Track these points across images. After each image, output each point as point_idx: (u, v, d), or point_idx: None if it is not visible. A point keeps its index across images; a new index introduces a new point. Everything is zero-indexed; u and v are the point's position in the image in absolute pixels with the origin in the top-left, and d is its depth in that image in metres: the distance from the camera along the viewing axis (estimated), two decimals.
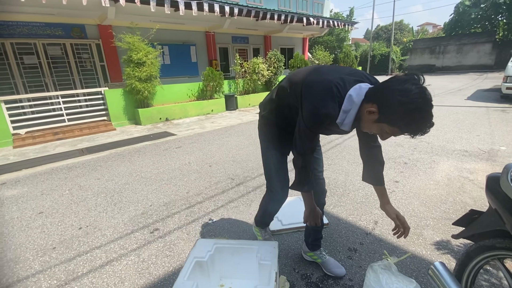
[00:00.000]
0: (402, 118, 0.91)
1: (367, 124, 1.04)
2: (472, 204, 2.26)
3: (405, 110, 0.89)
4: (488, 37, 19.88)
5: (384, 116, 0.96)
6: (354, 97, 1.02)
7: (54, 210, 2.58)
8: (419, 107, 0.88)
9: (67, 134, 5.68)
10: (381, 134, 1.03)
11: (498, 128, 4.53)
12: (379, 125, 0.99)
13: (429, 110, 0.89)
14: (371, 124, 1.02)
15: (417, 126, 0.91)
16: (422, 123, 0.90)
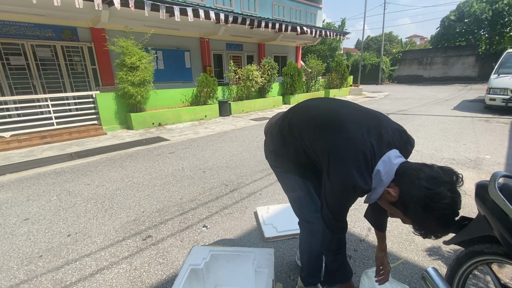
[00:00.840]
0: (421, 220, 0.84)
1: (383, 204, 0.97)
2: (461, 210, 2.32)
3: (427, 216, 0.81)
4: (472, 50, 20.77)
5: (402, 205, 0.87)
6: (383, 175, 0.90)
7: (41, 216, 2.50)
8: (444, 218, 0.81)
9: (55, 138, 5.54)
10: (391, 214, 0.97)
11: (483, 137, 4.70)
12: (393, 208, 0.91)
13: (452, 222, 0.83)
14: (385, 202, 0.94)
15: (431, 231, 0.86)
16: (438, 230, 0.85)
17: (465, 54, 20.93)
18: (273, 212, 2.31)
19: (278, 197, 2.72)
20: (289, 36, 11.27)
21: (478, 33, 22.06)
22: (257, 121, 7.33)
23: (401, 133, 1.04)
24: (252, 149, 4.52)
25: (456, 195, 0.81)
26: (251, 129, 6.31)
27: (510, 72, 7.00)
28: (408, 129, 4.80)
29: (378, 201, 0.97)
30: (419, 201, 0.81)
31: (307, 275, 1.43)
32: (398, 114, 7.52)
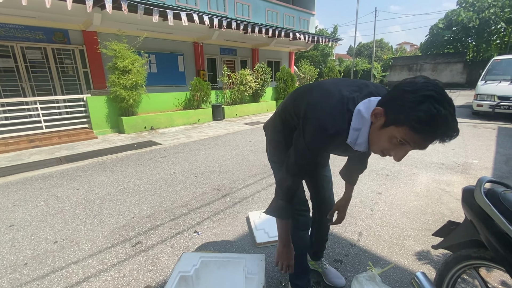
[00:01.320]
0: (412, 108, 0.74)
1: (375, 136, 0.88)
2: (449, 214, 2.36)
3: (414, 98, 0.74)
4: (460, 58, 21.36)
5: (391, 116, 0.80)
6: (364, 112, 0.88)
7: (27, 222, 2.43)
8: (431, 95, 0.72)
9: (44, 142, 5.42)
10: (393, 148, 0.84)
11: (471, 142, 4.81)
12: (388, 132, 0.82)
13: (445, 100, 0.72)
14: (379, 135, 0.85)
15: (431, 119, 0.72)
16: (437, 116, 0.71)
17: (453, 61, 21.50)
18: (265, 217, 2.30)
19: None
20: (283, 41, 11.38)
21: (466, 41, 22.76)
22: (251, 126, 7.34)
23: (387, 88, 1.00)
24: (245, 153, 4.52)
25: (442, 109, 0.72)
26: (244, 133, 6.31)
27: (497, 79, 7.21)
28: None
29: (374, 144, 0.90)
30: (402, 95, 0.77)
31: (294, 277, 1.44)
32: None
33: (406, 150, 0.83)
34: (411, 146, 0.80)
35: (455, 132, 0.75)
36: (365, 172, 3.42)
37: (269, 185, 3.12)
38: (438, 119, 0.72)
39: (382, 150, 0.88)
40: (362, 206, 2.57)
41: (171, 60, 9.62)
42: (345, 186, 1.47)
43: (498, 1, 19.86)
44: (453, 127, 0.74)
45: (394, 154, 0.86)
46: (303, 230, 1.33)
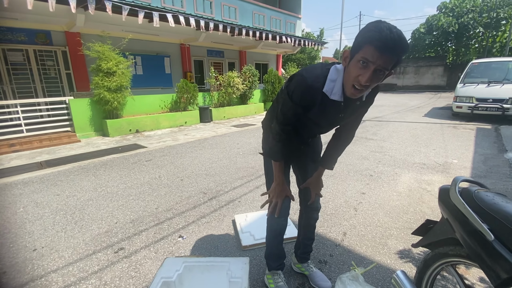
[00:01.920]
0: (365, 32, 0.94)
1: (346, 74, 1.03)
2: (430, 213, 2.43)
3: (363, 29, 0.95)
4: (440, 61, 22.17)
5: (352, 49, 0.98)
6: (339, 67, 1.08)
7: (5, 230, 2.32)
8: (377, 21, 0.93)
9: (24, 146, 5.21)
10: (360, 72, 0.97)
11: (451, 142, 4.99)
12: (352, 63, 0.98)
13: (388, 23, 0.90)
14: (348, 70, 1.01)
15: (375, 28, 0.90)
16: (379, 26, 0.90)
17: (434, 64, 22.29)
18: (251, 220, 2.29)
19: (257, 204, 2.71)
20: (270, 44, 11.46)
21: (446, 45, 23.68)
22: (239, 128, 7.33)
23: None
24: (232, 156, 4.50)
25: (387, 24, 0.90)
26: (232, 135, 6.29)
27: (475, 82, 7.53)
28: (382, 134, 4.99)
29: (347, 83, 1.03)
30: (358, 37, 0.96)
31: (267, 255, 1.57)
32: (373, 120, 7.82)
33: (370, 69, 0.94)
34: (370, 61, 0.93)
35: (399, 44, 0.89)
36: (349, 173, 3.50)
37: (256, 187, 3.12)
38: (382, 28, 0.88)
39: (353, 81, 1.00)
40: (346, 206, 2.61)
41: (157, 62, 9.49)
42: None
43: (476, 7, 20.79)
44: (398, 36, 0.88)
45: (361, 78, 0.97)
46: (280, 216, 1.43)
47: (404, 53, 0.92)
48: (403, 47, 0.91)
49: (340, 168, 3.70)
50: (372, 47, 0.90)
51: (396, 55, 0.92)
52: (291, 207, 2.52)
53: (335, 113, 1.18)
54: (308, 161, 1.54)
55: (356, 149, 4.69)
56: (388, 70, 0.95)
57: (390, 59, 0.92)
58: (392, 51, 0.90)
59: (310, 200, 1.50)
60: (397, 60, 0.94)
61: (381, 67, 0.93)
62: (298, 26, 14.77)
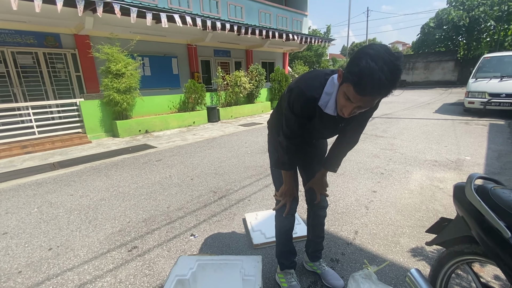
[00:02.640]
0: (351, 64, 0.87)
1: (337, 96, 1.01)
2: (443, 211, 2.39)
3: (356, 55, 0.87)
4: (451, 56, 21.67)
5: (344, 75, 0.93)
6: (336, 79, 1.04)
7: (20, 230, 2.39)
8: (368, 52, 0.83)
9: (37, 148, 5.35)
10: (345, 105, 0.96)
11: (463, 139, 4.88)
12: (341, 90, 0.95)
13: (380, 57, 0.81)
14: (339, 93, 0.98)
15: (360, 72, 0.83)
16: (366, 68, 0.82)
17: (445, 59, 21.80)
18: (262, 218, 2.30)
19: (267, 203, 2.72)
20: (276, 42, 11.42)
21: (457, 39, 23.10)
22: (246, 127, 7.34)
23: None
24: (240, 155, 4.52)
25: (374, 64, 0.81)
26: (240, 134, 6.31)
27: (487, 76, 7.33)
28: (393, 132, 4.92)
29: (339, 102, 1.01)
30: (347, 65, 0.91)
31: (278, 254, 1.58)
32: (382, 117, 7.72)
33: (352, 106, 0.93)
34: (351, 101, 0.91)
35: (382, 88, 0.83)
36: (360, 171, 3.47)
37: (265, 186, 3.13)
38: (366, 72, 0.81)
39: (341, 109, 0.99)
40: (357, 204, 2.59)
41: (165, 63, 9.58)
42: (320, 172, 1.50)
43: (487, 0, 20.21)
44: (379, 80, 0.81)
45: (344, 110, 0.97)
46: (288, 214, 1.46)
47: (391, 90, 0.87)
48: (390, 87, 0.85)
49: (350, 166, 3.67)
50: (352, 89, 0.88)
51: (382, 95, 0.87)
52: (301, 205, 2.52)
53: (334, 123, 1.19)
54: (313, 162, 1.54)
55: (366, 146, 4.64)
56: (372, 106, 0.94)
57: (372, 100, 0.89)
58: (375, 94, 0.85)
59: (316, 200, 1.51)
60: (385, 95, 0.89)
61: (363, 106, 0.92)
62: (305, 24, 14.67)
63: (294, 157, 1.32)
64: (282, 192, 1.43)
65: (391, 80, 0.83)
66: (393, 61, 0.82)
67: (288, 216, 1.46)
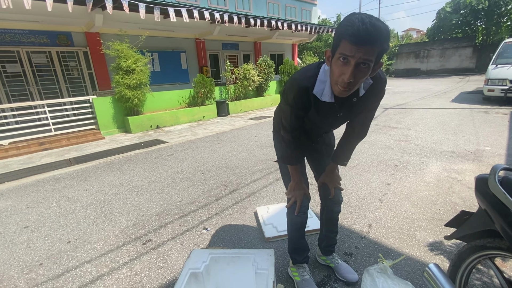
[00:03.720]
0: (339, 29, 0.90)
1: (330, 74, 1.01)
2: (461, 204, 2.31)
3: (337, 27, 0.92)
4: (469, 42, 20.69)
5: (332, 48, 0.96)
6: (327, 67, 1.04)
7: (40, 224, 2.49)
8: (352, 13, 0.89)
9: (53, 144, 5.52)
10: (342, 70, 0.93)
11: (482, 129, 4.68)
12: (334, 61, 0.95)
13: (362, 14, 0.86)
14: (332, 69, 0.98)
15: (347, 22, 0.87)
16: (351, 18, 0.87)
17: (462, 45, 20.85)
18: (273, 212, 2.29)
19: (278, 196, 2.70)
20: (285, 33, 11.22)
21: (475, 24, 21.97)
22: (256, 120, 7.31)
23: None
24: (251, 148, 4.51)
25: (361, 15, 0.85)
26: (249, 128, 6.29)
27: (509, 62, 6.97)
28: (407, 122, 4.79)
29: (333, 84, 1.01)
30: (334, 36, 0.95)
31: (291, 250, 1.58)
32: (396, 108, 7.50)
33: (351, 65, 0.90)
34: (349, 56, 0.88)
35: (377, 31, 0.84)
36: (373, 163, 3.39)
37: (276, 179, 3.11)
38: (355, 21, 0.84)
39: (337, 79, 0.96)
40: (371, 197, 2.54)
41: (173, 58, 9.62)
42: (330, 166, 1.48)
43: None
44: (371, 24, 0.83)
45: (344, 76, 0.94)
46: (300, 212, 1.44)
47: (383, 40, 0.86)
48: (380, 35, 0.85)
49: (363, 159, 3.59)
50: (347, 41, 0.87)
51: (375, 44, 0.86)
52: (314, 199, 2.49)
53: (332, 113, 1.15)
54: (322, 156, 1.51)
55: (379, 138, 4.53)
56: (372, 61, 0.90)
57: (369, 50, 0.87)
58: (368, 41, 0.85)
59: (330, 195, 1.47)
60: (380, 49, 0.88)
61: (362, 60, 0.88)
62: (314, 13, 14.34)
63: (297, 151, 1.31)
64: (291, 187, 1.42)
65: (384, 25, 0.86)
66: (376, 18, 0.87)
67: (300, 214, 1.42)
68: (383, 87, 1.14)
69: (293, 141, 1.27)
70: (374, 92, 1.12)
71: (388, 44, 0.89)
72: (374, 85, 1.10)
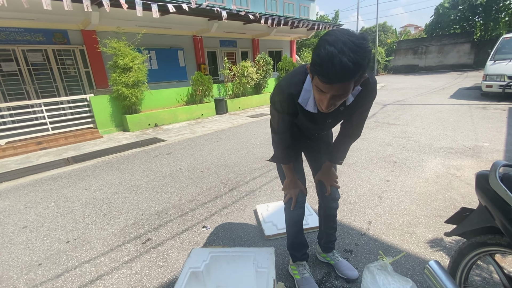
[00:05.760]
0: (313, 57, 0.84)
1: (313, 91, 0.96)
2: (461, 200, 2.32)
3: (314, 49, 0.84)
4: (467, 38, 20.70)
5: (310, 69, 0.90)
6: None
7: (39, 224, 2.47)
8: (326, 38, 0.81)
9: (51, 143, 5.49)
10: (320, 98, 0.92)
11: (480, 125, 4.69)
12: (314, 84, 0.91)
13: (339, 40, 0.78)
14: (313, 88, 0.94)
15: (319, 58, 0.80)
16: (324, 54, 0.79)
17: (460, 41, 20.86)
18: (273, 210, 2.29)
19: (277, 194, 2.70)
20: (283, 30, 11.17)
21: (473, 19, 21.95)
22: (254, 118, 7.29)
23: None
24: (249, 146, 4.50)
25: (333, 48, 0.77)
26: (248, 126, 6.28)
27: (507, 58, 6.97)
28: (406, 119, 4.79)
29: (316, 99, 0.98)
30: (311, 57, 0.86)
31: (289, 246, 1.58)
32: (395, 104, 7.51)
33: (326, 98, 0.88)
34: (324, 92, 0.87)
35: (347, 70, 0.77)
36: (372, 160, 3.39)
37: (276, 177, 3.11)
38: (326, 59, 0.77)
39: (318, 103, 0.94)
40: (370, 194, 2.54)
41: (171, 56, 9.55)
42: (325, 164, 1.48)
43: None
44: (341, 63, 0.76)
45: (322, 104, 0.91)
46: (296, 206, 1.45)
47: (355, 75, 0.80)
48: (350, 74, 0.78)
49: (362, 156, 3.59)
50: (319, 80, 0.84)
51: (346, 81, 0.81)
52: (313, 196, 2.49)
53: (320, 119, 1.15)
54: (319, 154, 1.51)
55: (378, 135, 4.53)
56: (348, 91, 0.86)
57: (341, 86, 0.83)
58: (339, 80, 0.80)
59: (326, 192, 1.47)
60: (355, 78, 0.82)
61: (337, 94, 0.85)
62: (312, 10, 14.26)
63: (286, 151, 1.32)
64: (286, 185, 1.43)
65: (355, 60, 0.77)
66: (354, 41, 0.77)
67: (296, 208, 1.44)
68: (373, 89, 1.10)
69: (282, 142, 1.29)
70: (364, 96, 1.09)
71: (365, 69, 0.82)
72: (363, 90, 1.06)
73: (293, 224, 1.50)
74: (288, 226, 1.52)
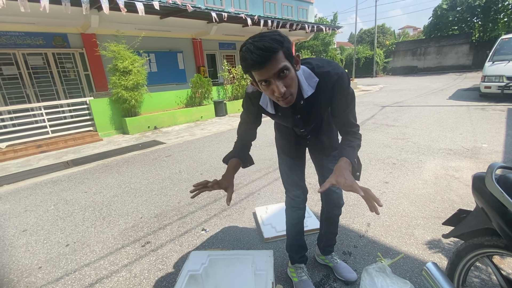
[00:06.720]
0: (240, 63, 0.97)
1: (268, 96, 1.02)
2: (459, 201, 2.32)
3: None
4: (465, 39, 20.80)
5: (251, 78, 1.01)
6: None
7: (39, 227, 2.48)
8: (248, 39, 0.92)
9: (51, 147, 5.50)
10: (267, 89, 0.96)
11: (479, 126, 4.70)
12: (260, 87, 0.98)
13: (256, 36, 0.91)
14: (265, 93, 1.01)
15: (242, 59, 0.92)
16: (242, 55, 0.92)
17: (459, 42, 20.96)
18: (272, 212, 2.30)
19: (277, 197, 2.70)
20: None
21: (471, 20, 22.06)
22: None
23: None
24: None
25: (246, 45, 0.90)
26: None
27: (505, 59, 6.99)
28: (404, 120, 4.80)
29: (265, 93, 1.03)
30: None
31: (288, 247, 1.58)
32: (393, 106, 7.52)
33: (271, 83, 0.93)
34: (263, 79, 0.93)
35: (253, 53, 0.87)
36: (370, 161, 3.40)
37: (275, 179, 3.12)
38: (243, 53, 0.90)
39: (276, 98, 0.98)
40: None
41: (170, 58, 9.58)
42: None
43: None
44: (250, 51, 0.87)
45: (275, 93, 0.95)
46: (294, 206, 1.47)
47: (274, 50, 0.87)
48: (269, 50, 0.86)
49: (360, 157, 3.59)
50: (252, 72, 0.93)
51: (270, 58, 0.88)
52: (312, 198, 2.50)
53: (289, 116, 1.17)
54: (320, 156, 1.46)
55: (377, 136, 4.54)
56: (284, 66, 0.91)
57: (271, 65, 0.88)
58: (264, 61, 0.88)
59: (322, 188, 1.20)
60: (280, 55, 0.89)
61: (276, 72, 0.90)
62: (311, 12, 14.32)
63: (235, 149, 1.36)
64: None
65: (266, 42, 0.87)
66: (260, 36, 0.90)
67: (296, 209, 1.46)
68: (335, 80, 1.04)
69: (238, 139, 1.37)
70: (325, 87, 1.06)
71: (284, 44, 0.90)
72: (322, 81, 1.05)
73: (292, 225, 1.51)
74: (287, 226, 1.54)
